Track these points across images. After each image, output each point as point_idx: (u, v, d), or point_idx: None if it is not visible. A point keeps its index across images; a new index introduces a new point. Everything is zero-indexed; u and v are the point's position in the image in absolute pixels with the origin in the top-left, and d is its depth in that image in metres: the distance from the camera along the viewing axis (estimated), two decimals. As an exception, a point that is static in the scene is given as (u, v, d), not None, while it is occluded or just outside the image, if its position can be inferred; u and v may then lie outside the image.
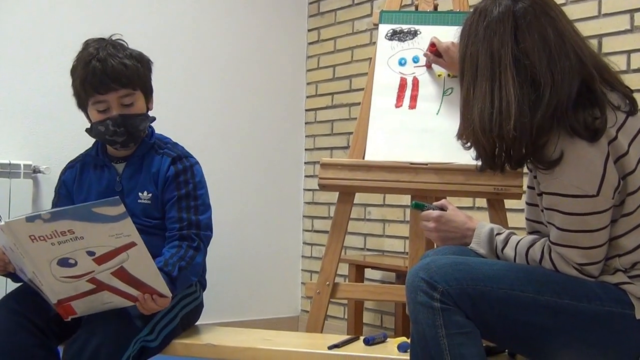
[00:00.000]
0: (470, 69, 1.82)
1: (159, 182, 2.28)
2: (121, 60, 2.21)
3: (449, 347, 1.73)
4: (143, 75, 2.29)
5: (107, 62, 2.19)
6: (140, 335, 2.05)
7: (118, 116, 2.22)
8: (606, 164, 1.70)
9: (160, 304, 2.03)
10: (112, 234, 1.85)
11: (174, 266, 2.13)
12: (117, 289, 1.97)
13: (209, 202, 2.34)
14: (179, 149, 2.37)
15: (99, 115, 2.25)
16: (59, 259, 1.88)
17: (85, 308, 2.01)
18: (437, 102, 2.57)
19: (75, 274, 1.91)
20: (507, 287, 1.76)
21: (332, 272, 2.51)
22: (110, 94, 2.21)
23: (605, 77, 1.80)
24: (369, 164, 2.51)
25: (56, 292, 1.95)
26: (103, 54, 2.21)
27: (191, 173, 2.31)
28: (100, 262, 1.90)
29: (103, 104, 2.23)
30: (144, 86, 2.30)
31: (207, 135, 4.32)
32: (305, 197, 4.79)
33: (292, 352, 2.14)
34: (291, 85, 4.77)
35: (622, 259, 1.78)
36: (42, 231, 1.82)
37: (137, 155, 2.32)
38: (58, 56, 3.67)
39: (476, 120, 1.76)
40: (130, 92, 2.24)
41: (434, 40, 2.55)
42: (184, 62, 4.26)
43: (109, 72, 2.19)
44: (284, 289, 4.70)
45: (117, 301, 2.00)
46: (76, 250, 1.86)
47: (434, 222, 2.06)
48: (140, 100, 2.28)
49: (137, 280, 1.95)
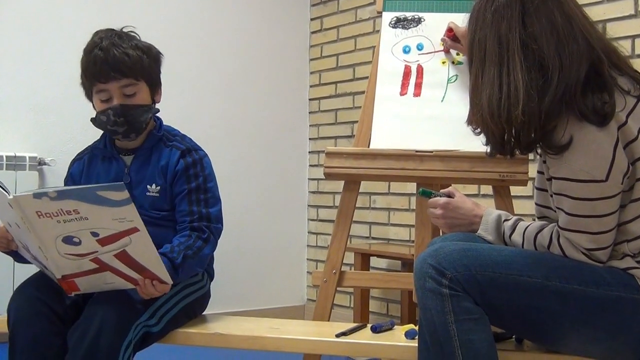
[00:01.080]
0: (478, 55, 1.81)
1: (168, 175, 2.27)
2: (124, 50, 2.19)
3: (458, 333, 1.74)
4: (148, 66, 2.26)
5: (109, 51, 2.18)
6: (140, 320, 2.05)
7: (119, 106, 2.21)
8: (615, 149, 1.69)
9: (159, 290, 2.02)
10: (116, 218, 1.86)
11: (179, 253, 2.13)
12: (119, 271, 1.98)
13: (219, 194, 2.34)
14: (188, 142, 2.36)
15: (101, 105, 2.24)
16: (64, 237, 1.90)
17: (88, 286, 2.03)
18: (441, 90, 2.56)
19: (79, 252, 1.94)
20: (516, 273, 1.76)
21: (339, 261, 2.51)
22: (111, 82, 2.20)
23: (614, 61, 1.79)
24: (374, 152, 2.50)
25: (61, 267, 1.97)
26: (106, 43, 2.19)
27: (201, 166, 2.30)
28: (103, 243, 1.91)
29: (105, 93, 2.22)
30: (148, 77, 2.27)
31: (212, 125, 4.32)
32: (310, 186, 4.79)
33: (300, 340, 2.13)
34: (294, 74, 4.77)
35: (630, 244, 1.78)
36: (49, 208, 1.84)
37: (146, 148, 2.31)
38: (63, 49, 3.68)
39: (485, 106, 1.76)
40: (132, 82, 2.22)
41: (452, 25, 2.54)
42: (187, 54, 4.25)
43: (110, 61, 2.17)
44: (290, 278, 4.71)
45: (119, 282, 2.02)
46: (81, 229, 1.88)
47: (441, 209, 2.06)
48: (143, 92, 2.26)
49: (139, 265, 1.96)
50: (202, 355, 3.44)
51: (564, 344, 1.84)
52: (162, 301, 2.13)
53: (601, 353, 1.82)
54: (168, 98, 2.45)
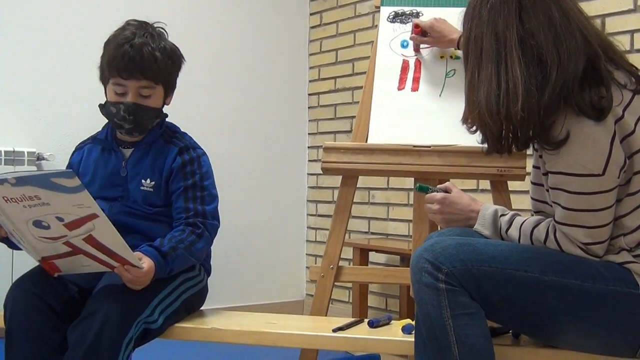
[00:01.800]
0: (474, 52, 1.81)
1: (164, 172, 2.28)
2: (153, 52, 2.20)
3: (454, 328, 1.74)
4: (169, 72, 2.28)
5: (139, 50, 2.18)
6: (141, 317, 2.05)
7: (132, 104, 2.21)
8: (612, 143, 1.69)
9: (134, 274, 2.01)
10: (75, 204, 1.86)
11: (167, 243, 2.13)
12: (91, 254, 1.99)
13: (216, 192, 2.34)
14: (187, 140, 2.36)
15: (115, 97, 2.24)
16: (34, 221, 1.91)
17: (67, 267, 2.05)
18: (439, 84, 2.56)
19: (50, 235, 1.95)
20: (512, 268, 1.76)
21: (336, 256, 2.51)
22: (131, 80, 2.21)
23: (611, 55, 1.79)
24: (371, 147, 2.50)
25: (38, 249, 2.00)
26: (139, 41, 2.19)
27: (198, 164, 2.30)
28: (70, 228, 1.92)
29: (122, 87, 2.22)
30: (166, 82, 2.29)
31: (211, 120, 4.32)
32: (309, 182, 4.79)
33: (297, 335, 2.13)
34: (294, 69, 4.76)
35: (626, 238, 1.78)
36: (13, 194, 1.85)
37: (146, 143, 2.31)
38: (62, 43, 3.68)
39: (482, 103, 1.76)
40: (151, 84, 2.23)
41: (416, 22, 2.56)
42: (186, 49, 4.23)
43: (137, 60, 2.18)
44: (289, 273, 4.71)
45: (94, 265, 2.03)
46: (47, 214, 1.90)
47: (438, 204, 2.06)
48: (158, 95, 2.27)
49: (107, 249, 1.97)
50: (202, 350, 3.44)
51: (560, 338, 1.84)
52: (161, 297, 2.13)
53: (598, 347, 1.82)
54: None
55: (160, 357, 2.88)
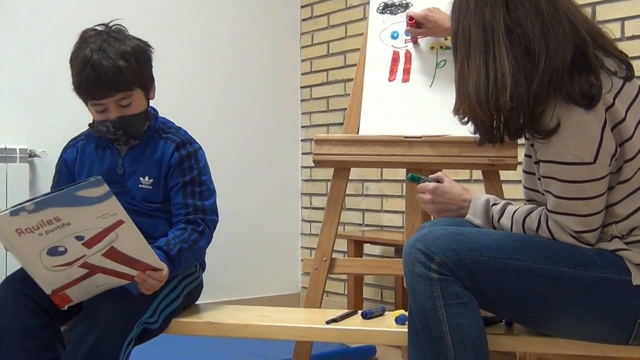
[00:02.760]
0: (463, 43, 1.81)
1: (162, 168, 2.27)
2: (115, 63, 2.12)
3: (447, 318, 1.75)
4: (140, 73, 2.21)
5: (100, 68, 2.11)
6: (142, 318, 2.05)
7: (116, 120, 2.19)
8: (603, 131, 1.69)
9: (157, 278, 2.02)
10: (99, 215, 1.83)
11: (174, 246, 2.13)
12: (110, 270, 1.96)
13: (214, 186, 2.34)
14: (182, 134, 2.35)
15: (98, 115, 2.22)
16: (49, 249, 1.86)
17: (80, 294, 2.01)
18: (430, 75, 2.56)
19: (66, 261, 1.90)
20: (504, 256, 1.76)
21: (329, 248, 2.51)
22: (105, 98, 2.17)
23: (600, 42, 1.79)
24: (363, 139, 2.50)
25: (49, 282, 1.94)
26: (97, 58, 2.12)
27: (195, 159, 2.30)
28: (90, 245, 1.88)
29: (101, 106, 2.19)
30: (141, 83, 2.23)
31: (203, 115, 4.31)
32: (302, 175, 4.79)
33: (291, 327, 2.14)
34: (286, 62, 4.75)
35: (618, 225, 1.78)
36: (28, 223, 1.78)
37: (141, 140, 2.30)
38: (53, 40, 3.67)
39: (472, 94, 1.76)
40: (127, 94, 2.18)
41: (410, 14, 2.55)
42: (178, 43, 4.24)
43: (102, 79, 2.12)
44: (284, 267, 4.71)
45: (112, 282, 2.00)
46: (65, 237, 1.84)
47: (430, 194, 2.06)
48: (138, 98, 2.23)
49: (129, 258, 1.95)
50: (197, 344, 3.44)
51: (553, 326, 1.85)
52: (161, 297, 2.13)
53: (591, 335, 1.83)
54: (160, 88, 2.44)
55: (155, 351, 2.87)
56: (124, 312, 2.00)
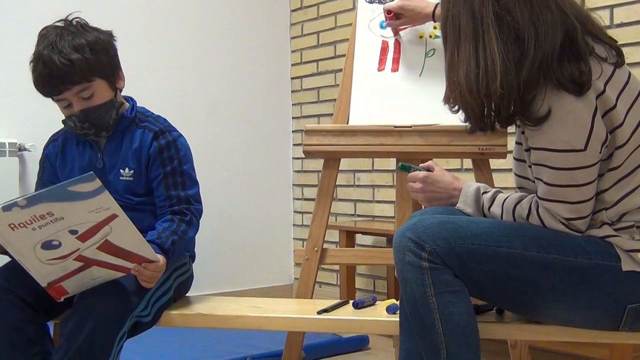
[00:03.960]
0: (452, 32, 1.80)
1: (141, 159, 2.24)
2: (67, 57, 2.10)
3: (438, 306, 1.75)
4: (96, 63, 2.16)
5: (52, 63, 2.10)
6: (135, 311, 2.05)
7: (80, 113, 2.17)
8: (594, 118, 1.69)
9: (153, 269, 2.01)
10: (92, 210, 1.82)
11: (167, 238, 2.12)
12: (105, 262, 1.96)
13: (195, 175, 2.32)
14: (161, 122, 2.31)
15: (65, 111, 2.21)
16: (43, 243, 1.85)
17: (76, 286, 2.00)
18: (419, 64, 2.55)
19: (61, 254, 1.90)
20: (494, 244, 1.76)
21: (320, 238, 2.51)
22: (64, 93, 2.15)
23: (589, 28, 1.78)
24: (352, 129, 2.49)
25: (45, 275, 1.94)
26: (47, 53, 2.11)
27: (175, 148, 2.26)
28: (84, 239, 1.88)
29: (64, 102, 2.18)
30: (101, 73, 2.18)
31: (194, 107, 4.30)
32: (294, 166, 4.79)
33: (282, 318, 2.14)
34: (276, 53, 4.75)
35: (608, 212, 1.78)
36: (21, 218, 1.78)
37: (118, 130, 2.27)
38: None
39: (462, 82, 1.75)
40: (85, 85, 2.15)
41: (387, 7, 2.54)
42: (167, 34, 4.22)
43: (55, 75, 2.11)
44: (277, 258, 4.71)
45: (107, 274, 2.00)
46: (58, 231, 1.84)
47: (420, 183, 2.06)
48: (101, 89, 2.19)
49: (123, 251, 1.94)
50: (192, 336, 3.44)
51: (544, 313, 1.85)
52: (153, 289, 2.12)
53: (581, 321, 1.83)
54: (149, 80, 2.44)
55: (147, 344, 2.88)
56: (117, 306, 1.99)
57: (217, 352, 3.20)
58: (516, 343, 2.44)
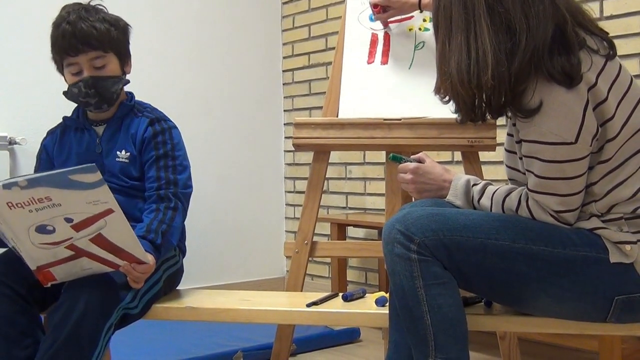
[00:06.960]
0: (444, 22, 1.80)
1: (137, 143, 2.29)
2: (92, 24, 2.22)
3: (427, 298, 1.75)
4: (116, 39, 2.28)
5: (76, 25, 2.20)
6: (122, 303, 2.05)
7: (89, 78, 2.23)
8: (585, 111, 1.69)
9: (141, 271, 2.02)
10: (89, 201, 1.83)
11: (156, 233, 2.13)
12: (96, 255, 1.96)
13: (188, 164, 2.35)
14: (158, 113, 2.38)
15: (72, 78, 2.26)
16: (37, 226, 1.86)
17: (65, 274, 2.00)
18: (409, 57, 2.55)
19: (53, 240, 1.90)
20: (483, 236, 1.76)
21: (310, 231, 2.51)
22: (80, 56, 2.23)
23: (580, 20, 1.78)
24: (342, 122, 2.49)
25: (35, 258, 1.94)
26: (74, 17, 2.22)
27: (169, 134, 2.32)
28: (78, 228, 1.89)
29: (75, 67, 2.25)
30: (117, 49, 2.29)
31: (185, 100, 4.30)
32: (286, 159, 4.79)
33: (271, 311, 2.14)
34: (267, 46, 4.75)
35: (597, 204, 1.78)
36: (20, 198, 1.80)
37: (117, 117, 2.33)
38: (32, 26, 3.63)
39: (454, 72, 1.75)
40: (100, 54, 2.24)
41: (372, 2, 2.55)
42: (158, 26, 4.21)
43: (77, 35, 2.20)
44: (268, 251, 4.71)
45: (96, 267, 2.00)
46: (54, 217, 1.85)
47: (411, 174, 2.06)
48: (113, 63, 2.29)
49: (115, 247, 1.95)
50: (182, 329, 3.45)
51: (532, 305, 1.85)
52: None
53: (569, 313, 1.84)
54: (140, 71, 2.44)
55: (136, 337, 2.88)
56: (104, 297, 1.99)
57: (207, 345, 3.20)
58: (505, 335, 2.45)
